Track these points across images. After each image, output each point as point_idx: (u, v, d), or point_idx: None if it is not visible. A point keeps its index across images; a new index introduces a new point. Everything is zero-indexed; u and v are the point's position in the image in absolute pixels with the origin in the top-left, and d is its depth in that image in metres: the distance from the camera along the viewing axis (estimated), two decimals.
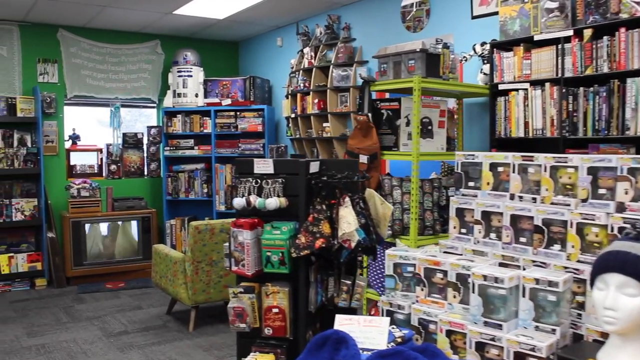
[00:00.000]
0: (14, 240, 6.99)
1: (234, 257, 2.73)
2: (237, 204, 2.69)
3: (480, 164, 2.85)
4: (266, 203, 2.64)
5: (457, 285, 2.50)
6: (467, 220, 2.87)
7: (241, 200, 2.67)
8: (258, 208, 2.66)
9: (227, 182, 7.36)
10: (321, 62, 6.56)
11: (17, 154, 6.82)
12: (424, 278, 2.61)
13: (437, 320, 2.50)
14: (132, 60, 7.71)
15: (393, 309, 2.70)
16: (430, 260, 2.60)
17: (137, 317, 5.79)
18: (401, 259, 2.70)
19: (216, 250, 5.26)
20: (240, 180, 2.74)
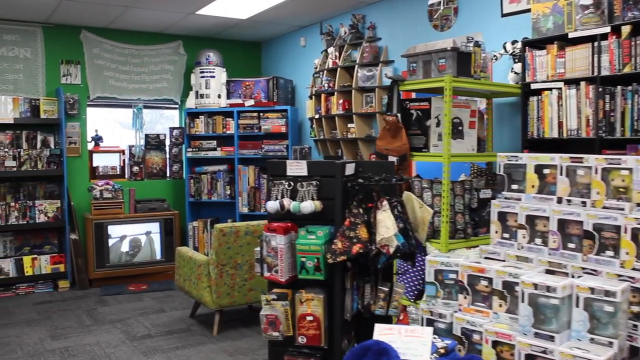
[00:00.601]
0: (37, 241, 6.93)
1: (266, 262, 2.61)
2: (271, 208, 2.56)
3: (525, 166, 2.71)
4: (301, 207, 2.51)
5: (504, 294, 2.36)
6: (510, 225, 2.73)
7: (275, 204, 2.55)
8: (292, 212, 2.54)
9: (250, 184, 7.25)
10: (346, 62, 6.43)
11: (41, 155, 6.76)
12: (467, 285, 2.48)
13: (482, 330, 2.36)
14: (155, 61, 7.62)
15: (434, 317, 2.56)
16: (474, 267, 2.46)
17: (161, 320, 5.70)
18: (443, 265, 2.57)
19: (241, 253, 5.15)
20: (274, 183, 2.62)
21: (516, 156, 2.76)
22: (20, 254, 6.82)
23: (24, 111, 6.77)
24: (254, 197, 7.25)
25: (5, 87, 6.83)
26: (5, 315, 5.90)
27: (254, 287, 5.27)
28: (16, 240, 6.84)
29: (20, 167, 6.66)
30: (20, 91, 6.90)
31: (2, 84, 6.82)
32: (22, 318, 5.79)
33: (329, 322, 2.60)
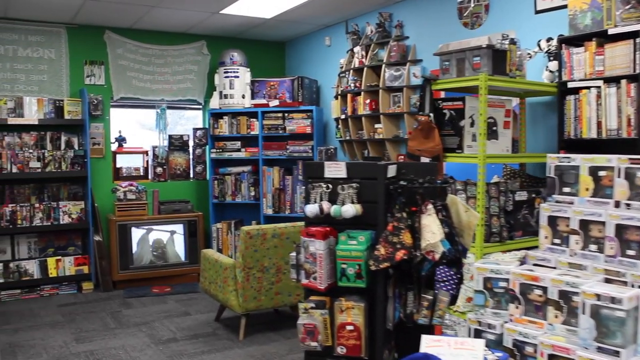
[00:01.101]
0: (61, 243, 6.86)
1: (304, 269, 2.47)
2: (310, 212, 2.42)
3: (578, 168, 2.54)
4: (342, 211, 2.37)
5: (560, 304, 2.20)
6: (561, 230, 2.56)
7: (314, 207, 2.41)
8: (333, 216, 2.40)
9: (275, 185, 7.12)
10: (372, 62, 6.28)
11: (65, 156, 6.68)
12: (520, 294, 2.32)
13: (537, 343, 2.20)
14: (178, 61, 7.52)
15: (482, 328, 2.40)
16: (527, 275, 2.30)
17: (186, 323, 5.58)
18: (492, 272, 2.41)
19: (267, 256, 5.02)
20: (313, 186, 2.47)
21: (568, 157, 2.60)
22: (45, 255, 6.75)
23: (48, 112, 6.70)
24: (278, 199, 7.12)
25: (30, 88, 6.77)
26: (30, 316, 5.82)
27: (280, 291, 5.14)
28: (40, 242, 6.77)
29: (44, 168, 6.59)
30: (44, 92, 6.83)
31: (27, 85, 6.75)
32: (47, 320, 5.71)
33: (369, 331, 2.46)
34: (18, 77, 6.72)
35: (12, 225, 6.48)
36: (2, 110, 6.50)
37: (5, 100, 6.52)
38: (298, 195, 7.03)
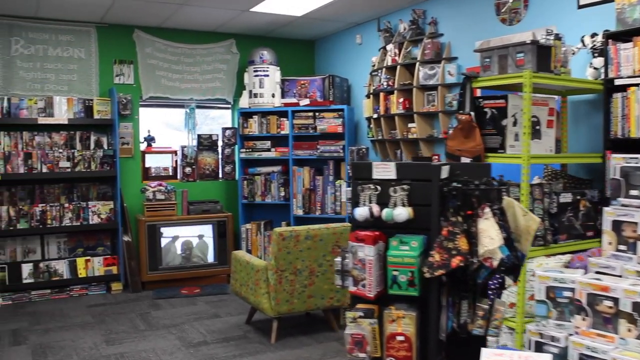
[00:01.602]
0: (90, 243, 6.79)
1: (352, 275, 2.32)
2: (360, 215, 2.27)
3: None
4: (395, 214, 2.21)
5: (633, 317, 2.02)
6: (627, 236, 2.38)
7: (364, 210, 2.25)
8: (385, 220, 2.24)
9: (305, 186, 6.98)
10: (406, 60, 6.11)
11: (94, 156, 6.61)
12: (587, 305, 2.14)
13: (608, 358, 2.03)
14: (207, 60, 7.41)
15: (544, 340, 2.23)
16: (595, 285, 2.13)
17: (216, 326, 5.46)
18: (555, 281, 2.24)
19: (301, 259, 4.87)
20: (363, 187, 2.32)
21: (636, 157, 2.41)
22: (74, 255, 6.68)
23: (78, 112, 6.63)
24: (308, 199, 6.97)
25: (60, 87, 6.71)
26: (60, 317, 5.75)
27: (313, 294, 5.00)
28: (70, 242, 6.71)
29: (74, 168, 6.52)
30: (74, 91, 6.76)
31: (56, 85, 6.69)
32: (77, 321, 5.63)
33: (421, 342, 2.30)
34: (48, 76, 6.66)
35: (42, 225, 6.42)
36: (33, 110, 6.44)
37: (35, 100, 6.46)
38: (329, 196, 6.89)
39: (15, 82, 6.52)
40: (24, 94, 6.53)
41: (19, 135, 6.45)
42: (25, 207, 6.39)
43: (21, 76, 6.55)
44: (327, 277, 5.01)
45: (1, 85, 6.44)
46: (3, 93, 6.41)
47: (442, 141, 5.89)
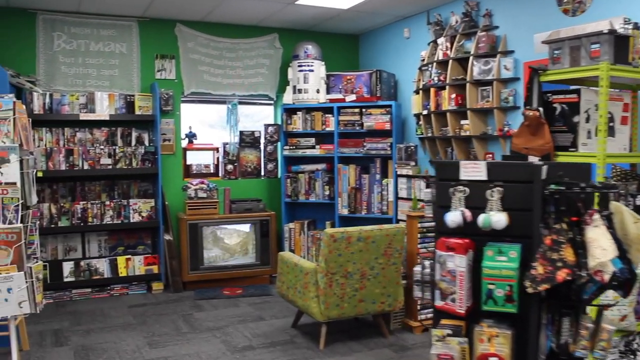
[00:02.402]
0: (131, 241, 6.61)
1: (439, 288, 2.05)
2: (452, 221, 2.00)
3: None
4: (493, 221, 1.94)
5: None
6: None
7: (457, 216, 1.99)
8: (482, 227, 1.97)
9: (351, 184, 6.71)
10: (458, 54, 5.81)
11: (135, 152, 6.43)
12: None
13: None
14: (250, 55, 7.18)
15: None
16: None
17: (261, 329, 5.23)
18: None
19: (352, 261, 4.61)
20: (455, 190, 2.05)
21: None
22: (114, 254, 6.51)
23: (119, 107, 6.45)
24: (354, 198, 6.71)
25: (102, 83, 6.54)
26: (101, 317, 5.58)
27: (364, 298, 4.74)
28: (111, 240, 6.54)
29: (115, 165, 6.35)
30: (115, 87, 6.59)
31: (98, 80, 6.53)
32: (118, 322, 5.45)
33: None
34: (90, 72, 6.50)
35: (83, 223, 6.26)
36: (74, 105, 6.28)
37: (77, 96, 6.30)
38: (375, 195, 6.61)
39: (58, 77, 6.37)
40: (66, 89, 6.38)
41: (61, 131, 6.30)
42: (66, 204, 6.24)
43: (63, 72, 6.40)
44: (379, 281, 4.75)
45: (44, 81, 6.30)
46: (45, 89, 6.27)
47: (496, 139, 5.59)
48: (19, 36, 6.23)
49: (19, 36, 6.23)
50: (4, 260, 3.99)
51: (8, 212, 4.00)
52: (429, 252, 4.59)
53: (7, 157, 4.00)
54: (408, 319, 5.16)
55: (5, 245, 3.97)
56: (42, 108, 6.12)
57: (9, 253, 3.99)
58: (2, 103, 4.02)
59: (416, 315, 5.09)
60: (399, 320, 5.19)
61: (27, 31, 6.26)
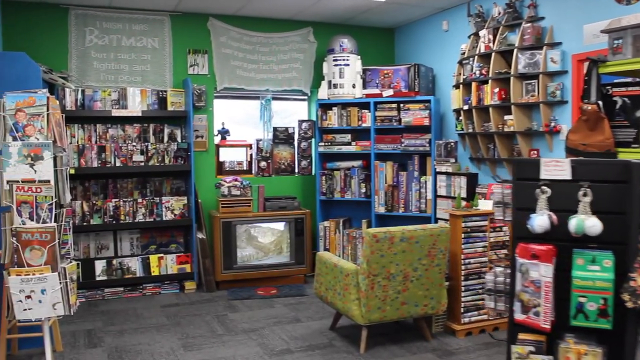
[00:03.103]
0: (163, 240, 6.46)
1: (521, 300, 1.83)
2: (539, 226, 1.77)
3: None
4: (587, 226, 1.71)
5: None
6: None
7: (544, 220, 1.76)
8: (575, 233, 1.75)
9: (388, 182, 6.48)
10: (501, 46, 5.55)
11: (168, 149, 6.27)
12: None
13: None
14: (284, 49, 6.98)
15: None
16: None
17: (298, 332, 5.04)
18: None
19: (394, 262, 4.40)
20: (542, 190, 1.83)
21: None
22: (147, 252, 6.37)
23: (152, 103, 6.30)
24: (391, 196, 6.48)
25: (134, 78, 6.39)
26: (134, 318, 5.43)
27: (407, 301, 4.52)
28: (143, 238, 6.39)
29: (147, 162, 6.20)
30: (147, 82, 6.44)
31: (130, 76, 6.38)
32: (152, 322, 5.29)
33: None
34: (122, 67, 6.35)
35: (115, 221, 6.12)
36: (106, 101, 6.14)
37: (109, 92, 6.16)
38: (413, 193, 6.38)
39: (90, 73, 6.23)
40: (98, 85, 6.24)
41: (93, 127, 6.17)
42: (98, 202, 6.10)
43: (95, 67, 6.26)
44: (422, 283, 4.53)
45: (76, 77, 6.17)
46: (77, 85, 6.14)
47: (541, 135, 5.33)
48: (51, 32, 6.11)
49: (51, 32, 6.11)
50: (38, 260, 3.85)
51: (42, 210, 3.85)
52: (504, 259, 4.33)
53: (40, 154, 3.85)
54: (451, 322, 4.93)
55: (39, 245, 3.83)
56: (74, 104, 5.99)
57: (42, 253, 3.85)
58: (35, 98, 3.87)
59: (459, 318, 4.86)
60: (441, 323, 4.96)
61: (60, 27, 6.13)
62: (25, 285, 3.81)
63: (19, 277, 3.80)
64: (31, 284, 3.81)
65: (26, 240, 3.81)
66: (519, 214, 1.91)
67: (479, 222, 4.89)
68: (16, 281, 3.79)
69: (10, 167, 3.83)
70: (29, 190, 3.84)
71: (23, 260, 3.82)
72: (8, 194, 3.83)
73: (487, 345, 4.66)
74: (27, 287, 3.81)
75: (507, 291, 1.90)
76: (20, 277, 3.80)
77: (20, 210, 3.83)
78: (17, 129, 3.85)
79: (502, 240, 4.97)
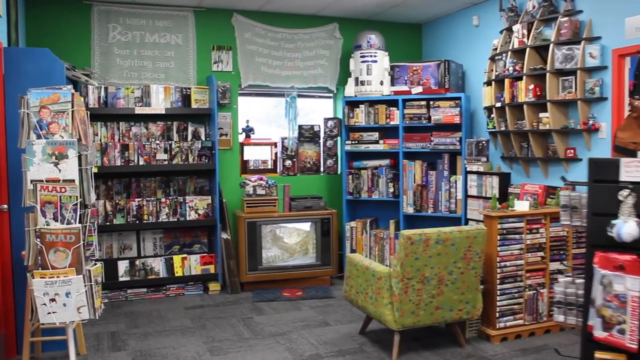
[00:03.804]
0: (186, 240, 6.30)
1: (602, 316, 1.63)
2: (628, 234, 1.57)
3: None
4: None
5: None
6: None
7: (634, 228, 1.56)
8: None
9: (416, 181, 6.27)
10: (536, 41, 5.32)
11: (192, 148, 6.12)
12: None
13: None
14: (309, 45, 6.79)
15: None
16: None
17: (327, 336, 4.85)
18: None
19: (429, 265, 4.20)
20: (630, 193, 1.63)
21: None
22: (170, 252, 6.22)
23: (175, 101, 6.15)
24: (420, 196, 6.27)
25: (157, 75, 6.25)
26: (158, 320, 5.28)
27: (441, 305, 4.33)
28: (166, 239, 6.24)
29: (171, 161, 6.05)
30: (171, 80, 6.29)
31: (153, 73, 6.24)
32: (176, 325, 5.14)
33: None
34: (145, 64, 6.20)
35: (139, 221, 5.98)
36: (130, 99, 6.00)
37: (132, 89, 6.01)
38: (443, 193, 6.17)
39: (113, 70, 6.09)
40: (121, 82, 6.10)
41: (116, 125, 6.03)
42: (121, 201, 5.96)
43: (118, 64, 6.12)
44: (457, 287, 4.33)
45: (99, 74, 6.03)
46: (100, 82, 6.01)
47: (579, 133, 5.10)
48: (74, 28, 5.97)
49: (74, 28, 5.97)
50: (62, 262, 3.70)
51: (66, 211, 3.71)
52: (581, 267, 4.10)
53: (65, 152, 3.70)
54: (485, 326, 4.72)
55: (63, 247, 3.68)
56: (97, 102, 5.86)
57: (67, 255, 3.70)
58: (60, 95, 3.72)
59: (495, 323, 4.65)
60: (475, 328, 4.76)
61: (82, 23, 6.00)
62: (49, 288, 3.66)
63: (43, 279, 3.65)
64: (55, 286, 3.67)
65: (50, 241, 3.67)
66: (595, 219, 1.72)
67: (515, 224, 4.69)
68: (40, 284, 3.65)
69: (34, 166, 3.68)
70: (53, 190, 3.69)
71: (47, 262, 3.68)
72: (32, 194, 3.69)
73: (523, 352, 4.45)
74: (51, 289, 3.67)
75: (579, 304, 1.70)
76: (44, 279, 3.66)
77: (45, 210, 3.69)
78: (41, 126, 3.71)
79: (538, 242, 4.77)
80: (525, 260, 4.72)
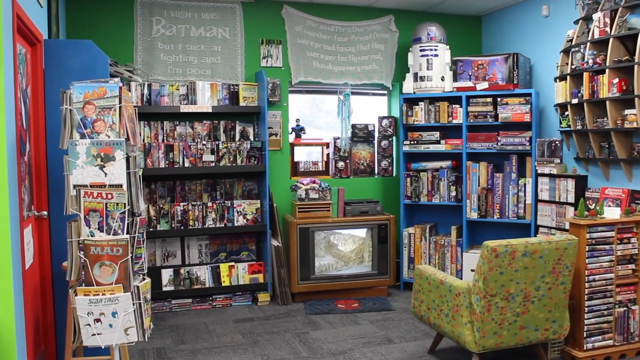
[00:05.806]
0: (233, 247, 5.83)
1: None
2: None
3: None
4: None
5: None
6: None
7: None
8: None
9: (481, 184, 5.69)
10: (621, 30, 4.73)
11: (240, 148, 5.64)
12: None
13: None
14: (363, 39, 6.26)
15: None
16: None
17: (392, 355, 4.32)
18: None
19: (515, 281, 3.66)
20: None
21: None
22: (216, 260, 5.76)
23: (222, 98, 5.68)
24: (485, 201, 5.71)
25: (203, 71, 5.79)
26: (206, 334, 4.82)
27: (526, 324, 3.79)
28: (212, 245, 5.78)
29: (218, 162, 5.59)
30: (217, 76, 5.83)
31: (199, 68, 5.78)
32: (226, 341, 4.66)
33: None
34: (190, 59, 5.75)
35: (184, 227, 5.53)
36: (174, 96, 5.56)
37: (177, 86, 5.57)
38: (510, 197, 5.59)
39: (156, 66, 5.66)
40: (165, 79, 5.66)
41: (160, 125, 5.59)
42: (165, 206, 5.52)
43: (162, 60, 5.68)
44: (544, 304, 3.79)
45: (142, 70, 5.60)
46: (144, 78, 5.58)
47: None
48: (116, 22, 5.55)
49: (116, 22, 5.55)
50: (108, 278, 3.22)
51: (113, 220, 3.24)
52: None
53: (112, 153, 3.22)
54: (571, 347, 4.16)
55: (109, 261, 3.21)
56: (140, 99, 5.42)
57: (113, 270, 3.22)
58: (106, 89, 3.25)
59: (582, 344, 4.09)
60: (557, 348, 4.20)
61: (125, 17, 5.57)
62: (94, 306, 3.20)
63: (87, 297, 3.19)
64: (101, 305, 3.20)
65: (95, 254, 3.20)
66: None
67: (605, 233, 4.12)
68: (84, 302, 3.18)
69: (77, 169, 3.21)
70: (99, 196, 3.22)
71: (91, 278, 3.22)
72: (75, 200, 3.23)
73: None
74: (96, 309, 3.20)
75: None
76: (88, 297, 3.19)
77: (89, 219, 3.23)
78: (85, 124, 3.25)
79: (629, 253, 4.20)
80: (616, 273, 4.16)
